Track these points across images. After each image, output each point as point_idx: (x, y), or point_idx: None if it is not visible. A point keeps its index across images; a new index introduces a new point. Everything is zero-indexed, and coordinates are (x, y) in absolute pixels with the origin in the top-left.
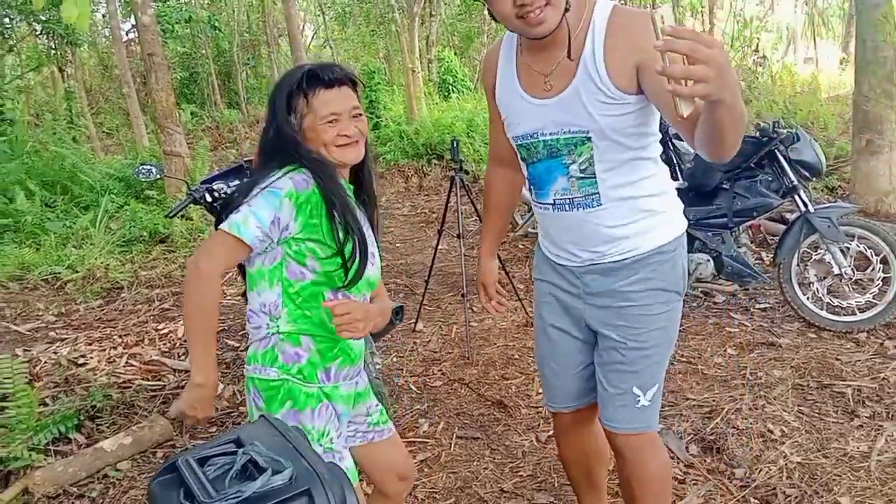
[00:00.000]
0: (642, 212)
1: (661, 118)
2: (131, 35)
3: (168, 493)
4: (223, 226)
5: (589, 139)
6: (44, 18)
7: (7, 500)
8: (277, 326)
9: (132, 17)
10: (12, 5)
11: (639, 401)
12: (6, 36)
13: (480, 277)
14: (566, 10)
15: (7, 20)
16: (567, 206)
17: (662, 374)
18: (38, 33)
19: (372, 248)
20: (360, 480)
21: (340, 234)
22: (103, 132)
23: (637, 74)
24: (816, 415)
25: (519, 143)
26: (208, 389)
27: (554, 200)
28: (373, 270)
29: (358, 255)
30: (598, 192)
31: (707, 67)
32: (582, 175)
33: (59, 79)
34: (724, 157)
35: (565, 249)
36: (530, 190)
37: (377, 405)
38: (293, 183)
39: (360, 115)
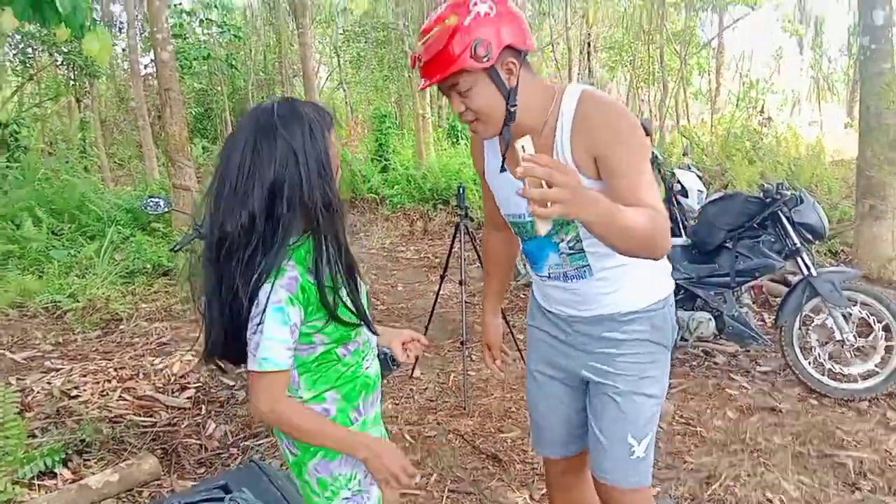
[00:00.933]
0: (632, 278)
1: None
2: (149, 69)
3: None
4: (256, 367)
5: (572, 220)
6: (66, 50)
7: None
8: (300, 396)
9: (152, 52)
10: (36, 36)
11: (633, 451)
12: (28, 65)
13: (485, 337)
14: (509, 111)
15: (30, 50)
16: (561, 278)
17: (655, 427)
18: (58, 64)
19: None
20: None
21: (331, 302)
22: (115, 163)
23: (595, 162)
24: (817, 486)
25: (510, 220)
26: (384, 450)
27: (549, 273)
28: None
29: (352, 298)
30: (588, 265)
31: (562, 190)
32: (572, 251)
33: (75, 109)
34: (642, 257)
35: (558, 307)
36: (526, 262)
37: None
38: (285, 289)
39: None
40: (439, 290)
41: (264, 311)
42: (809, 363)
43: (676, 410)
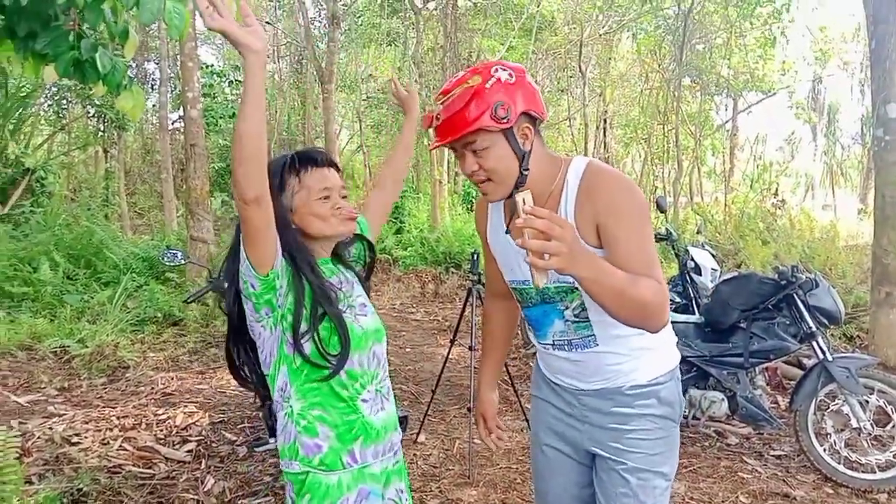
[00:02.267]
0: (638, 348)
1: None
2: (177, 125)
3: None
4: None
5: (577, 288)
6: (98, 103)
7: None
8: (291, 406)
9: (181, 109)
10: (71, 88)
11: None
12: (61, 115)
13: (480, 408)
14: (517, 185)
15: (64, 101)
16: (566, 346)
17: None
18: (90, 115)
19: (358, 304)
20: None
21: (306, 320)
22: (135, 212)
23: (597, 230)
24: None
25: (513, 286)
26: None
27: (553, 342)
28: (369, 322)
29: (333, 327)
30: (593, 334)
31: (559, 243)
32: (577, 319)
33: (102, 158)
34: (635, 326)
35: (564, 379)
36: (529, 329)
37: (407, 499)
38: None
39: (346, 196)
40: (448, 354)
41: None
42: (825, 450)
43: (687, 491)
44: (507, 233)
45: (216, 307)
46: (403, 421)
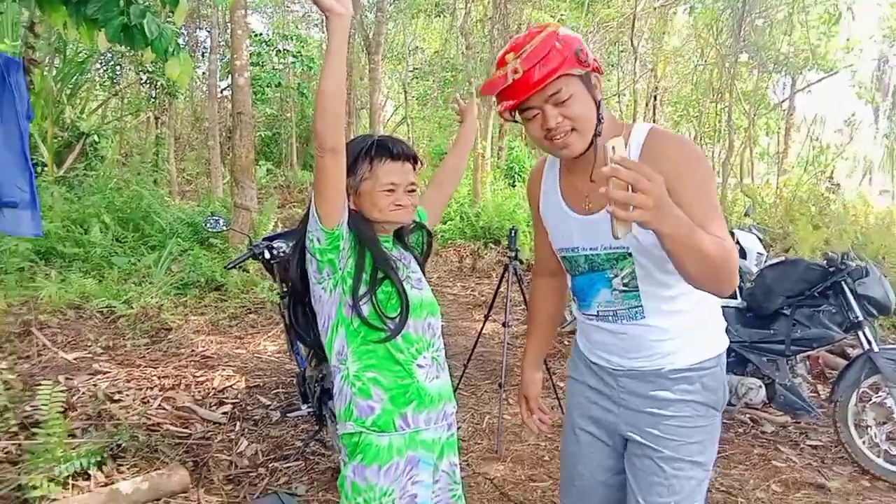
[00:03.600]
0: (685, 326)
1: None
2: (225, 93)
3: None
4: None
5: (629, 255)
6: (150, 70)
7: None
8: (347, 369)
9: (230, 77)
10: (125, 55)
11: None
12: (115, 82)
13: (523, 389)
14: (596, 134)
15: (118, 68)
16: (611, 317)
17: (701, 498)
18: (142, 82)
19: (415, 278)
20: None
21: (365, 283)
22: (184, 178)
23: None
24: None
25: (562, 254)
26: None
27: (598, 312)
28: (425, 294)
29: (387, 301)
30: (641, 305)
31: (646, 197)
32: (625, 288)
33: (153, 124)
34: (708, 289)
35: (604, 358)
36: (574, 300)
37: (456, 474)
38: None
39: (414, 190)
40: (482, 329)
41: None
42: (864, 442)
43: (717, 477)
44: (558, 205)
45: (256, 274)
46: None
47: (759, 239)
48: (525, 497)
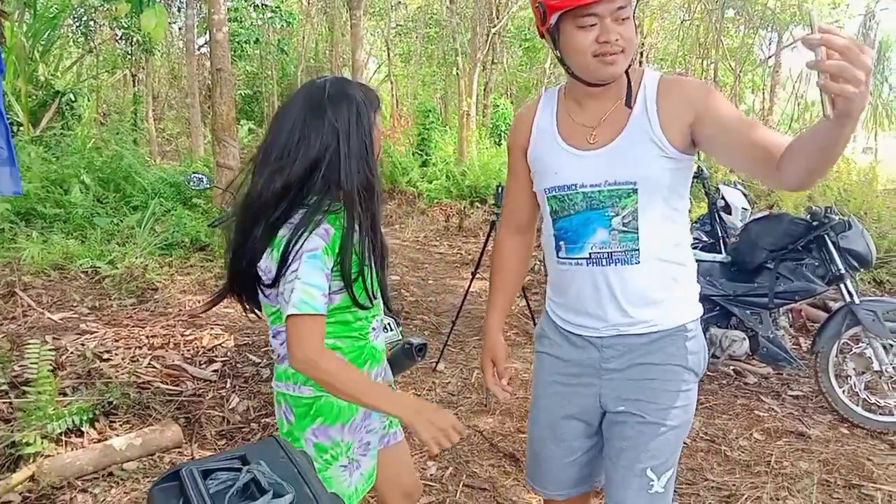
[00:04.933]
0: (673, 280)
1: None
2: (203, 50)
3: (168, 502)
4: (293, 310)
5: (635, 192)
6: (125, 25)
7: (14, 485)
8: None
9: (207, 33)
10: (98, 10)
11: (652, 486)
12: (88, 38)
13: (489, 352)
14: (630, 64)
15: (92, 23)
16: (605, 260)
17: (676, 459)
18: (117, 38)
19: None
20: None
21: (351, 271)
22: (163, 138)
23: (693, 131)
24: None
25: (552, 194)
26: (429, 408)
27: (590, 254)
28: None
29: (375, 280)
30: (638, 249)
31: (858, 71)
32: (625, 228)
33: (129, 83)
34: (813, 182)
35: (587, 314)
36: (558, 247)
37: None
38: (321, 238)
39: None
40: (469, 286)
41: (300, 254)
42: (844, 392)
43: (701, 427)
44: (554, 139)
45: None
46: (422, 348)
47: (744, 195)
48: (514, 448)
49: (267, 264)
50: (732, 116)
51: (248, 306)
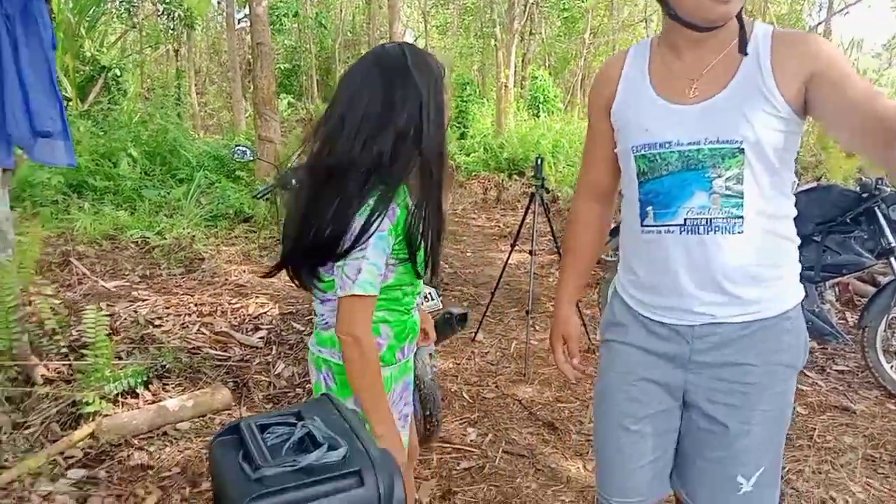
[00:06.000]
0: (778, 254)
1: None
2: (243, 24)
3: (228, 452)
4: (358, 290)
5: (741, 151)
6: (167, 0)
7: (75, 441)
8: None
9: (247, 7)
10: None
11: (741, 488)
12: (132, 14)
13: (560, 328)
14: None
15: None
16: (702, 227)
17: (772, 457)
18: (159, 13)
19: None
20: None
21: (414, 248)
22: (206, 112)
23: (807, 91)
24: (886, 490)
25: (641, 153)
26: (392, 435)
27: (685, 220)
28: None
29: (430, 255)
30: (742, 216)
31: None
32: (728, 192)
33: (173, 58)
34: None
35: (675, 292)
36: (643, 213)
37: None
38: (388, 220)
39: None
40: (508, 258)
41: (369, 238)
42: (892, 367)
43: None
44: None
45: (283, 206)
46: (463, 317)
47: None
48: (553, 416)
49: (343, 235)
50: (855, 83)
51: (298, 278)
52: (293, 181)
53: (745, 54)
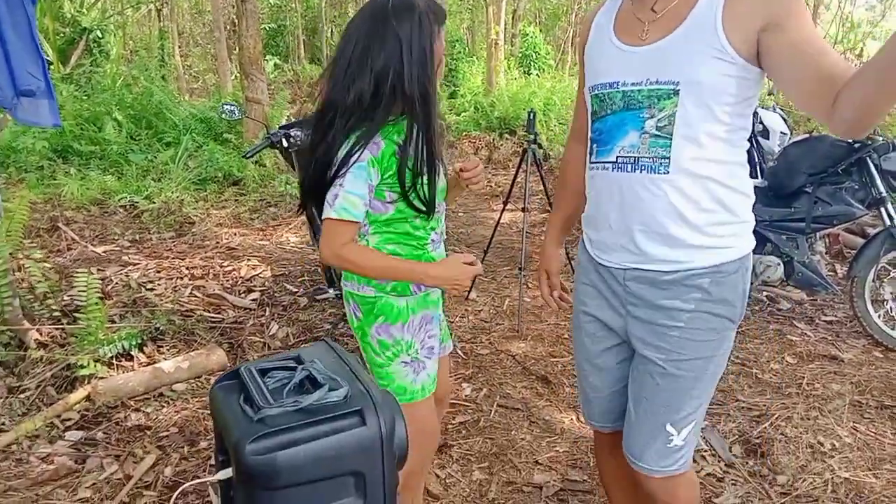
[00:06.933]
0: (712, 201)
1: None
2: None
3: (229, 396)
4: (332, 214)
5: (676, 93)
6: None
7: (72, 404)
8: (367, 240)
9: None
10: None
11: (671, 440)
12: None
13: (544, 264)
14: None
15: None
16: (630, 166)
17: (701, 413)
18: None
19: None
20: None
21: (408, 181)
22: (190, 75)
23: (759, 40)
24: (872, 434)
25: (595, 93)
26: (448, 273)
27: (616, 158)
28: (441, 183)
29: (428, 188)
30: (668, 158)
31: None
32: (657, 133)
33: (155, 18)
34: (863, 126)
35: (610, 229)
36: (591, 151)
37: (444, 319)
38: (369, 152)
39: None
40: (500, 216)
41: (348, 167)
42: (879, 316)
43: (733, 351)
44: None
45: (272, 168)
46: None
47: (783, 119)
48: (546, 371)
49: (329, 168)
50: (807, 36)
51: (311, 216)
52: (282, 139)
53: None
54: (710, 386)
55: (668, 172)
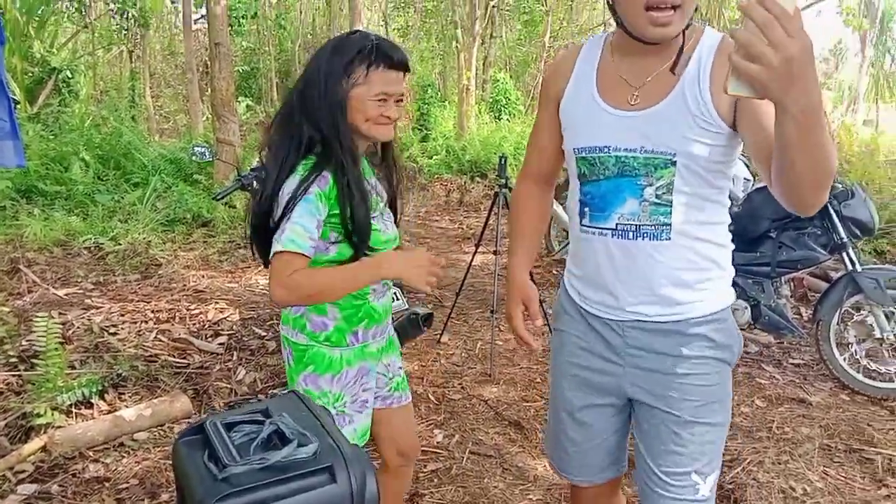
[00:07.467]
0: (706, 261)
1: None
2: (200, 24)
3: (193, 453)
4: (279, 247)
5: (673, 163)
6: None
7: (26, 455)
8: None
9: (204, 6)
10: None
11: (698, 490)
12: (83, 13)
13: (518, 293)
14: (687, 25)
15: None
16: (631, 233)
17: (719, 461)
18: (113, 13)
19: (384, 216)
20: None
21: (349, 220)
22: (161, 116)
23: (736, 108)
24: (842, 478)
25: (582, 156)
26: (404, 260)
27: (616, 225)
28: (391, 231)
29: (361, 232)
30: (669, 224)
31: (774, 52)
32: (657, 201)
33: (127, 59)
34: (803, 203)
35: (609, 293)
36: (582, 213)
37: (400, 368)
38: (317, 186)
39: (402, 100)
40: (472, 259)
41: (295, 201)
42: (845, 359)
43: None
44: (591, 98)
45: (243, 209)
46: (428, 318)
47: (746, 165)
48: (519, 416)
49: (273, 205)
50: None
51: (261, 257)
52: (253, 182)
53: (674, 74)
54: (723, 432)
55: (670, 238)
